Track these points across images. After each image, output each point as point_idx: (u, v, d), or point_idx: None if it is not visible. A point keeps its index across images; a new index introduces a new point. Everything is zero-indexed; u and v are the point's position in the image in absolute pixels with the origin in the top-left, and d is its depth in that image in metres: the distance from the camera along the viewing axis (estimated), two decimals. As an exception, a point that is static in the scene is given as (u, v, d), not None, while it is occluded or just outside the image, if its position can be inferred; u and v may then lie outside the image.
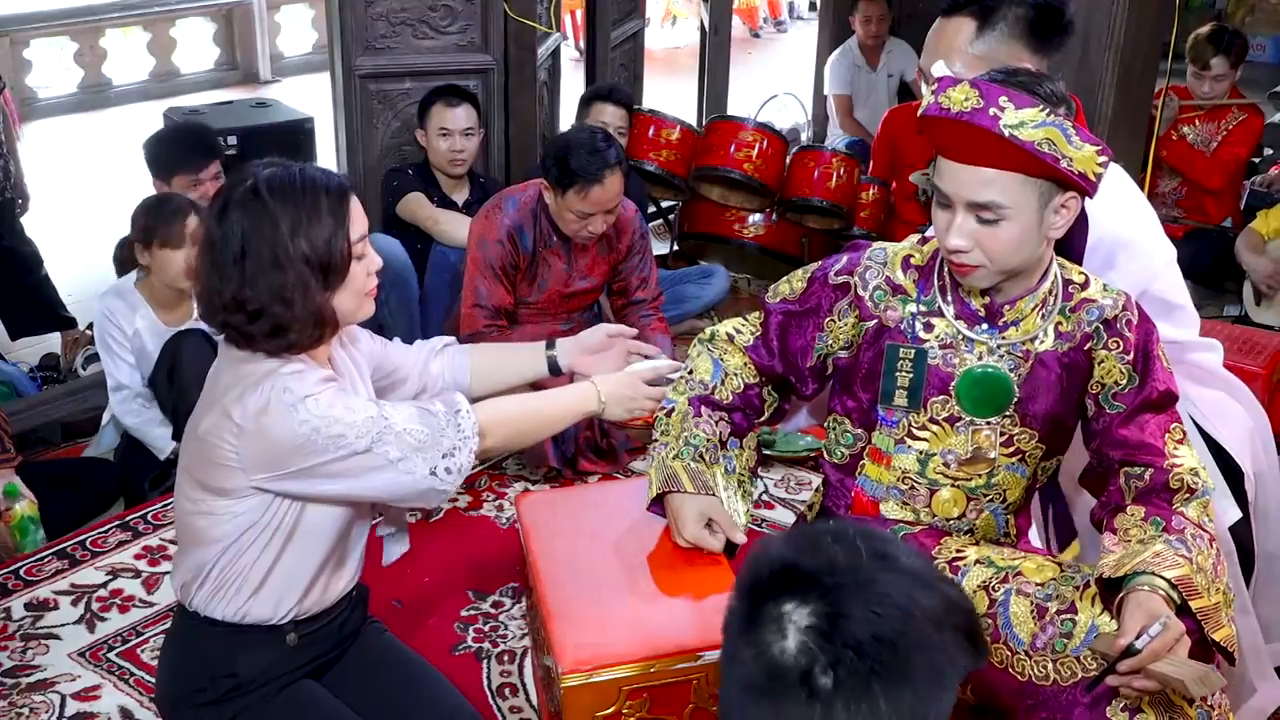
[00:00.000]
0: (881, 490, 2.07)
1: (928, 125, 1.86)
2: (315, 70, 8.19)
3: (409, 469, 1.89)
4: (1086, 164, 1.79)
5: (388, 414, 1.89)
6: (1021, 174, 1.80)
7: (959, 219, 1.85)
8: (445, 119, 4.16)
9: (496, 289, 3.58)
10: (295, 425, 1.82)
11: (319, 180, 1.86)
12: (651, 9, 8.38)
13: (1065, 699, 1.83)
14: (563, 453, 3.60)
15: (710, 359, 2.15)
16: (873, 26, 6.25)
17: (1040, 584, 1.92)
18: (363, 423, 1.85)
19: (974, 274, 1.90)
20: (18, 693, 2.65)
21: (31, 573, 3.07)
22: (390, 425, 1.87)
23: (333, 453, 1.84)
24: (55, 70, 8.19)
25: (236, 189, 1.85)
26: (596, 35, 5.21)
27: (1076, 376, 1.99)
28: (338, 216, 1.85)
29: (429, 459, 1.90)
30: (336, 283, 1.87)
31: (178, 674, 2.03)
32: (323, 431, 1.83)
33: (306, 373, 1.87)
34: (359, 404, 1.89)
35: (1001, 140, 1.76)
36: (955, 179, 1.84)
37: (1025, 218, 1.83)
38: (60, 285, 4.61)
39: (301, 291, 1.83)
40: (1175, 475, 1.92)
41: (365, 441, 1.85)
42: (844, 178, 4.74)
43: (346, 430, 1.84)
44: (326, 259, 1.84)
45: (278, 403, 1.83)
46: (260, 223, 1.82)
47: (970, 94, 1.78)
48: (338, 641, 2.11)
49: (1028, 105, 1.77)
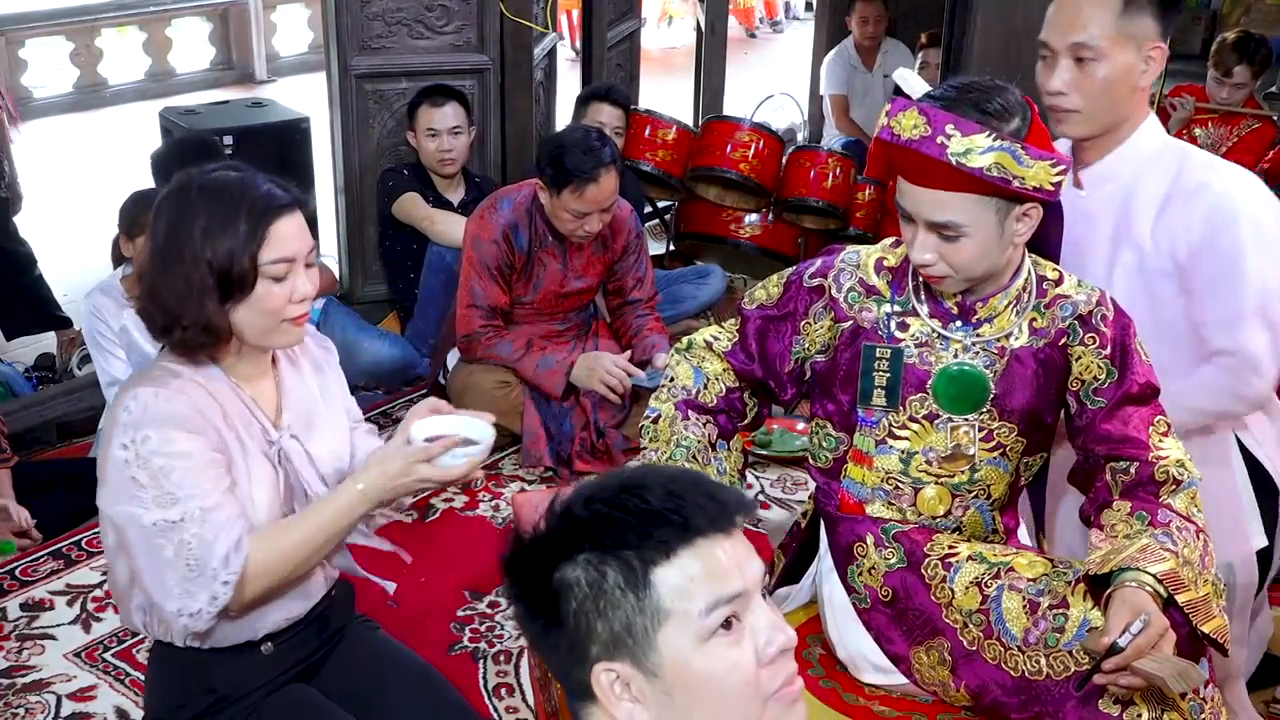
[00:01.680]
0: (866, 491, 2.08)
1: (882, 149, 1.89)
2: (311, 70, 8.20)
3: (163, 581, 1.77)
4: (1040, 178, 1.82)
5: (204, 518, 1.75)
6: (976, 194, 1.83)
7: (921, 235, 1.89)
8: (432, 119, 4.17)
9: (492, 289, 3.58)
10: (116, 446, 1.78)
11: (251, 192, 1.81)
12: (648, 9, 8.38)
13: (1058, 693, 1.84)
14: (559, 453, 3.61)
15: (690, 366, 2.16)
16: (869, 27, 6.26)
17: (1032, 579, 1.93)
18: (177, 497, 1.75)
19: (943, 283, 1.95)
20: (13, 693, 2.65)
21: (27, 573, 3.07)
22: (184, 530, 1.75)
23: (124, 501, 1.77)
24: (51, 70, 8.20)
25: (179, 182, 1.85)
26: (593, 35, 5.21)
27: (1052, 372, 2.00)
28: (252, 232, 1.79)
29: (180, 595, 1.77)
30: (237, 296, 1.81)
31: (159, 693, 2.01)
32: (133, 467, 1.75)
33: (177, 400, 1.79)
34: (198, 482, 1.76)
35: (950, 168, 1.80)
36: (913, 199, 1.88)
37: (984, 233, 1.86)
38: (56, 285, 4.61)
39: (198, 294, 1.79)
40: (1161, 467, 1.93)
41: (155, 516, 1.75)
42: (840, 178, 4.74)
43: (149, 488, 1.75)
44: (226, 269, 1.79)
45: (122, 412, 1.79)
46: (180, 218, 1.81)
47: (919, 121, 1.82)
48: (320, 645, 2.07)
49: (974, 131, 1.79)
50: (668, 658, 1.16)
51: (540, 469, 3.60)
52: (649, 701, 1.18)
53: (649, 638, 1.16)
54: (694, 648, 1.17)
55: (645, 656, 1.17)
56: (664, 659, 1.16)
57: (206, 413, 1.83)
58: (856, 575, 2.06)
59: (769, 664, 1.19)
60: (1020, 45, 3.52)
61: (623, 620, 1.17)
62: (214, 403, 1.86)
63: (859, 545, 2.06)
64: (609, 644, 1.17)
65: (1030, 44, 2.27)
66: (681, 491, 1.19)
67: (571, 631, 1.19)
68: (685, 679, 1.17)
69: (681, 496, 1.19)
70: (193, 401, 1.82)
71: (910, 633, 2.00)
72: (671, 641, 1.16)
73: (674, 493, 1.19)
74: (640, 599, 1.16)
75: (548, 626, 1.20)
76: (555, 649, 1.21)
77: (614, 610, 1.17)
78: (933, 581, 1.98)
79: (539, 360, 3.61)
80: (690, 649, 1.16)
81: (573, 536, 1.19)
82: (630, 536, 1.17)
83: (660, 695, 1.18)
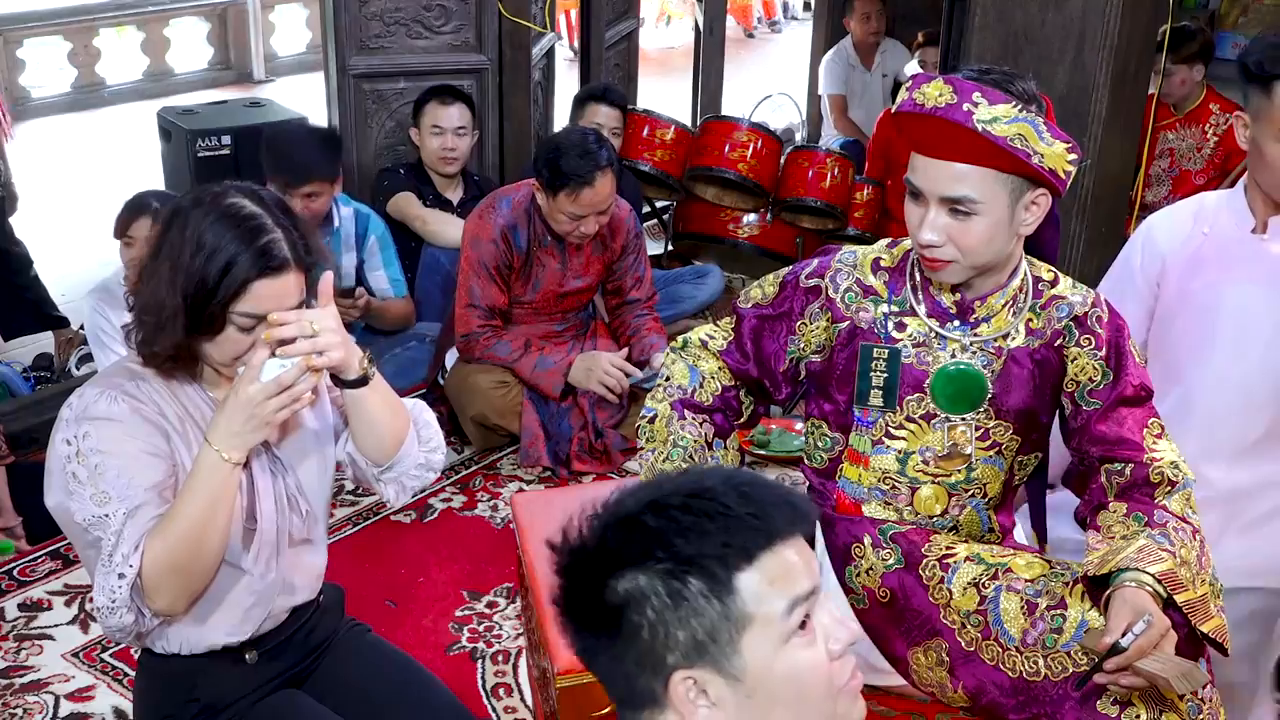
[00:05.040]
0: (862, 491, 2.08)
1: (903, 121, 1.90)
2: (309, 70, 8.20)
3: (102, 573, 1.73)
4: (1057, 161, 1.83)
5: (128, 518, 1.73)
6: (994, 169, 1.83)
7: (932, 214, 1.88)
8: (439, 117, 4.18)
9: (490, 289, 3.58)
10: (59, 441, 1.77)
11: (256, 240, 1.75)
12: (646, 9, 8.39)
13: (1056, 694, 1.84)
14: (556, 453, 3.61)
15: (685, 365, 2.15)
16: (872, 23, 6.24)
17: (1030, 580, 1.93)
18: (109, 495, 1.73)
19: (945, 269, 1.93)
20: (11, 693, 2.65)
21: (25, 573, 3.07)
22: (108, 526, 1.73)
23: (61, 495, 1.77)
24: (49, 70, 8.19)
25: (201, 194, 1.81)
26: (591, 35, 5.21)
27: (1048, 372, 2.00)
28: (233, 280, 1.74)
29: (98, 591, 1.74)
30: (205, 332, 1.77)
31: (146, 703, 2.00)
32: (73, 463, 1.75)
33: (120, 402, 1.78)
34: (130, 483, 1.75)
35: (974, 135, 1.80)
36: (928, 174, 1.88)
37: (996, 213, 1.86)
38: (54, 285, 4.61)
39: (170, 319, 1.75)
40: (1155, 469, 1.93)
41: (89, 512, 1.74)
42: (838, 178, 4.74)
43: (86, 485, 1.74)
44: (198, 306, 1.75)
45: (66, 409, 1.78)
46: (179, 235, 1.76)
47: (944, 90, 1.82)
48: (307, 652, 2.05)
49: (1001, 101, 1.80)
50: (750, 661, 1.17)
51: (538, 469, 3.60)
52: (727, 705, 1.18)
53: (734, 643, 1.16)
54: (776, 650, 1.18)
55: (728, 661, 1.17)
56: (747, 663, 1.17)
57: (155, 416, 1.81)
58: (854, 576, 2.06)
59: (838, 659, 1.22)
60: (1019, 46, 3.52)
61: (706, 627, 1.16)
62: (176, 405, 1.85)
63: (856, 546, 2.06)
64: (690, 651, 1.16)
65: (1029, 44, 2.27)
66: (756, 495, 1.19)
67: (645, 641, 1.17)
68: (767, 681, 1.18)
69: (758, 500, 1.19)
70: (140, 404, 1.80)
71: (908, 633, 2.00)
72: (754, 645, 1.17)
73: (749, 496, 1.19)
74: (725, 605, 1.16)
75: (610, 637, 1.19)
76: (618, 659, 1.19)
77: (697, 618, 1.16)
78: (930, 582, 1.98)
79: (537, 360, 3.61)
80: (773, 651, 1.17)
81: (643, 546, 1.17)
82: (712, 542, 1.16)
83: (740, 699, 1.18)
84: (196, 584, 1.79)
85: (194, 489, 1.74)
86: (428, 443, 2.03)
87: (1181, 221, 2.38)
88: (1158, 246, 2.38)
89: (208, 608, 1.88)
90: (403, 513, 3.35)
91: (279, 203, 1.83)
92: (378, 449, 1.96)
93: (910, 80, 1.90)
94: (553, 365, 3.60)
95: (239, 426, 1.73)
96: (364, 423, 1.93)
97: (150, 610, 1.75)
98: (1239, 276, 2.24)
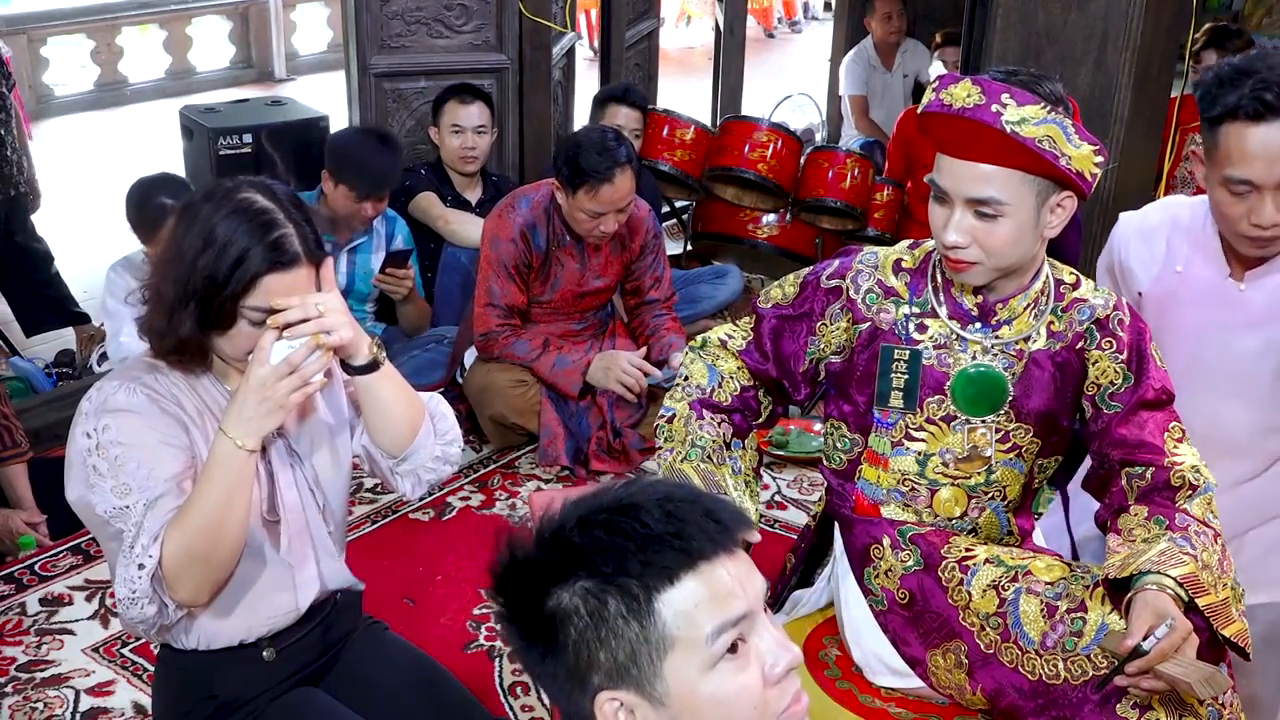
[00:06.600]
0: (881, 493, 2.07)
1: (929, 122, 1.89)
2: (330, 69, 8.23)
3: (123, 564, 1.73)
4: (1084, 163, 1.82)
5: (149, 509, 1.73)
6: (1020, 171, 1.83)
7: (957, 215, 1.87)
8: (458, 116, 4.18)
9: (510, 288, 3.59)
10: (79, 434, 1.77)
11: (266, 235, 1.74)
12: (666, 9, 8.38)
13: (1076, 697, 1.83)
14: (576, 452, 3.61)
15: (704, 364, 2.15)
16: (893, 22, 6.22)
17: (1050, 583, 1.92)
18: (130, 487, 1.74)
19: (970, 271, 1.92)
20: (32, 688, 2.66)
21: (46, 568, 3.08)
22: (128, 518, 1.73)
23: (83, 489, 1.76)
24: (71, 68, 8.25)
25: (214, 188, 1.80)
26: (611, 35, 5.22)
27: (1069, 375, 1.99)
28: (243, 275, 1.73)
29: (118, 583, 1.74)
30: (216, 326, 1.77)
31: (163, 699, 2.01)
32: (94, 455, 1.75)
33: (139, 394, 1.78)
34: (151, 474, 1.75)
35: (1002, 136, 1.79)
36: (954, 175, 1.87)
37: (1022, 215, 1.85)
38: (75, 282, 4.64)
39: (180, 311, 1.76)
40: (1176, 473, 1.92)
41: (110, 504, 1.74)
42: (858, 178, 4.73)
43: (107, 477, 1.74)
44: (209, 300, 1.75)
45: (85, 402, 1.78)
46: (193, 227, 1.76)
47: (973, 91, 1.82)
48: (324, 649, 2.05)
49: (1029, 102, 1.80)
50: (674, 685, 1.13)
51: (556, 468, 3.60)
52: None
53: (654, 666, 1.12)
54: (701, 674, 1.13)
55: (651, 685, 1.13)
56: (670, 686, 1.13)
57: (174, 408, 1.82)
58: (873, 577, 2.05)
59: (776, 684, 1.16)
60: (1040, 46, 3.51)
61: (626, 650, 1.12)
62: (193, 398, 1.85)
63: (875, 547, 2.05)
64: (612, 673, 1.13)
65: (1051, 45, 2.26)
66: (680, 513, 1.14)
67: (571, 660, 1.14)
68: (692, 705, 1.13)
69: (681, 518, 1.14)
70: (158, 396, 1.81)
71: (927, 635, 2.00)
72: (678, 669, 1.13)
73: (672, 514, 1.14)
74: (644, 627, 1.12)
75: (544, 654, 1.16)
76: (553, 676, 1.16)
77: (617, 639, 1.12)
78: (950, 584, 1.98)
79: (556, 359, 3.61)
80: (697, 675, 1.13)
81: (567, 563, 1.14)
82: (631, 563, 1.12)
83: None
84: (218, 574, 1.80)
85: (210, 478, 1.74)
86: (444, 435, 2.02)
87: (1154, 243, 2.29)
88: (1130, 268, 2.32)
89: (229, 601, 1.88)
90: (421, 511, 3.35)
91: (291, 197, 1.83)
92: (392, 438, 1.95)
93: (936, 81, 1.89)
94: (571, 364, 3.60)
95: (252, 411, 1.73)
96: (377, 411, 1.92)
97: (173, 601, 1.76)
98: (1221, 320, 2.17)
